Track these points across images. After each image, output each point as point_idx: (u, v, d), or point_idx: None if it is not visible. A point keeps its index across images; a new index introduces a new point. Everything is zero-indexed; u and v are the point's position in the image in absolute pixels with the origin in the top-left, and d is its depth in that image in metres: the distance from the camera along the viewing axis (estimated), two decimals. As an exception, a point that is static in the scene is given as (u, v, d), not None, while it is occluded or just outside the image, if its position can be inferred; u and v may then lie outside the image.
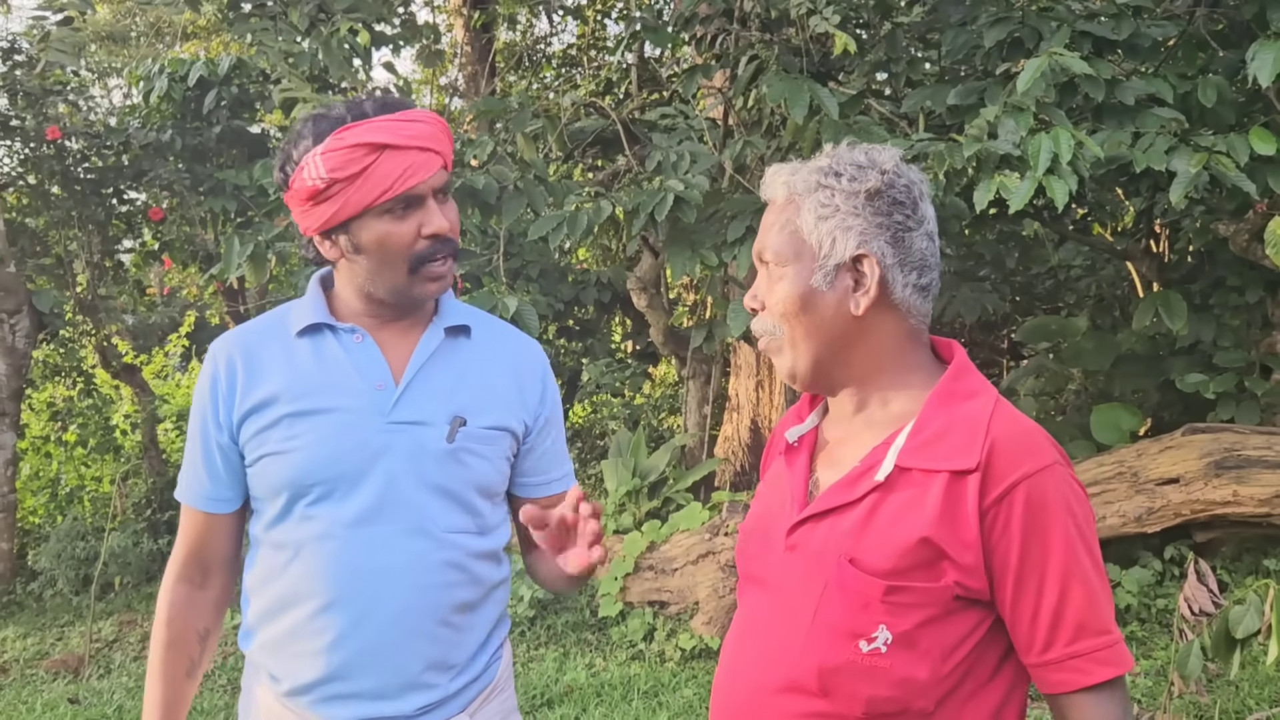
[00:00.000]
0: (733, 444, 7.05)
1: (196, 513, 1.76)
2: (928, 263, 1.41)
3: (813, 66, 4.56)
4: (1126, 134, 3.77)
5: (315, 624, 1.67)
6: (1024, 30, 4.01)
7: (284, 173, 1.69)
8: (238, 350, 1.72)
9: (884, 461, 1.36)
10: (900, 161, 1.42)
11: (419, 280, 1.68)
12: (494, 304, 4.00)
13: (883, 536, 1.33)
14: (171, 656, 1.78)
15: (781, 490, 1.50)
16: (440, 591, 1.71)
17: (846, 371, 1.43)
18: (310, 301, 1.75)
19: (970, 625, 1.34)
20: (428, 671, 1.71)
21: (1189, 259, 6.41)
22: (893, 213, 1.38)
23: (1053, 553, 1.31)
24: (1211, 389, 5.27)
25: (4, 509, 6.29)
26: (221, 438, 1.71)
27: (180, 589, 1.78)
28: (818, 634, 1.36)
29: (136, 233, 7.76)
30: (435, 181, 1.66)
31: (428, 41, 6.53)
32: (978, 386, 1.41)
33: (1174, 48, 4.42)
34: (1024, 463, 1.31)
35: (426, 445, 1.69)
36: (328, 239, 1.69)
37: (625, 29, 5.40)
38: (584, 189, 4.66)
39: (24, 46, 6.86)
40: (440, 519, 1.70)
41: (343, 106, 1.67)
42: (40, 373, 7.65)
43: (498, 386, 1.78)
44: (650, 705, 4.31)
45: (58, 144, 6.85)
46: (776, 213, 1.44)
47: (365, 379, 1.69)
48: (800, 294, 1.40)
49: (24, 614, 5.95)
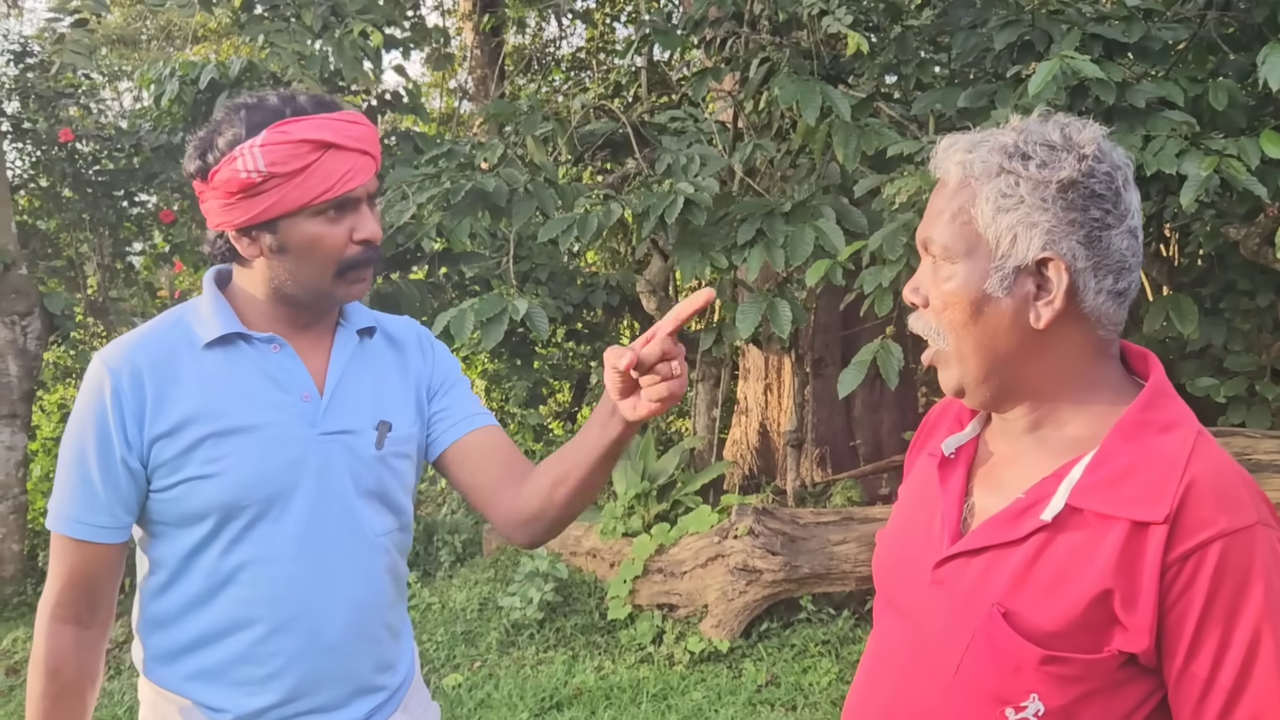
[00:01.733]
0: (741, 447, 7.04)
1: (85, 545, 1.59)
2: (1128, 263, 1.18)
3: (823, 69, 4.56)
4: (1137, 137, 3.76)
5: (264, 649, 1.60)
6: (1034, 33, 4.01)
7: (203, 160, 1.57)
8: (143, 361, 1.58)
9: (1053, 497, 1.16)
10: (1103, 141, 1.19)
11: (343, 284, 1.61)
12: (503, 306, 4.00)
13: (1045, 590, 1.14)
14: (64, 708, 1.62)
15: (930, 509, 1.31)
16: (380, 595, 1.70)
17: (1021, 388, 1.23)
18: (215, 308, 1.63)
19: (1139, 698, 1.15)
20: (375, 674, 1.70)
21: (1199, 263, 6.38)
22: (1089, 207, 1.15)
23: (1240, 625, 1.09)
24: (1222, 393, 5.25)
25: (15, 510, 6.31)
26: (130, 458, 1.56)
27: (66, 632, 1.62)
28: (959, 690, 1.19)
29: (147, 235, 7.79)
30: (370, 186, 1.61)
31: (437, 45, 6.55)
32: (1176, 417, 1.19)
33: (1185, 51, 4.41)
34: (1221, 518, 1.10)
35: (358, 453, 1.65)
36: (247, 235, 1.58)
37: (635, 32, 5.41)
38: (593, 192, 4.67)
39: (35, 50, 6.89)
40: (374, 523, 1.68)
41: (276, 98, 1.58)
42: (51, 374, 7.68)
43: (402, 383, 1.75)
44: (659, 708, 4.30)
45: (69, 147, 6.88)
46: (947, 197, 1.22)
47: (288, 391, 1.62)
48: (972, 299, 1.19)
49: (34, 615, 5.96)
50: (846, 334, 6.54)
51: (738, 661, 4.71)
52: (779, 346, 6.14)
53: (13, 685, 4.99)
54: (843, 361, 5.41)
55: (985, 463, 1.31)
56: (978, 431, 1.34)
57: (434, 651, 5.01)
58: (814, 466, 6.39)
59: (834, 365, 6.38)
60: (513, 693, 4.50)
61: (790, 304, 4.07)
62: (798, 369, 5.96)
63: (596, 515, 5.64)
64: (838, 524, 4.97)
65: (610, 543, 5.44)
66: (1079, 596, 1.12)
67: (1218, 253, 5.83)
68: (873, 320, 4.54)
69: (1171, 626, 1.11)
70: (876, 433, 6.82)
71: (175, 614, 1.62)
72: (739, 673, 4.60)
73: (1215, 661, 1.10)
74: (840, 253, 3.94)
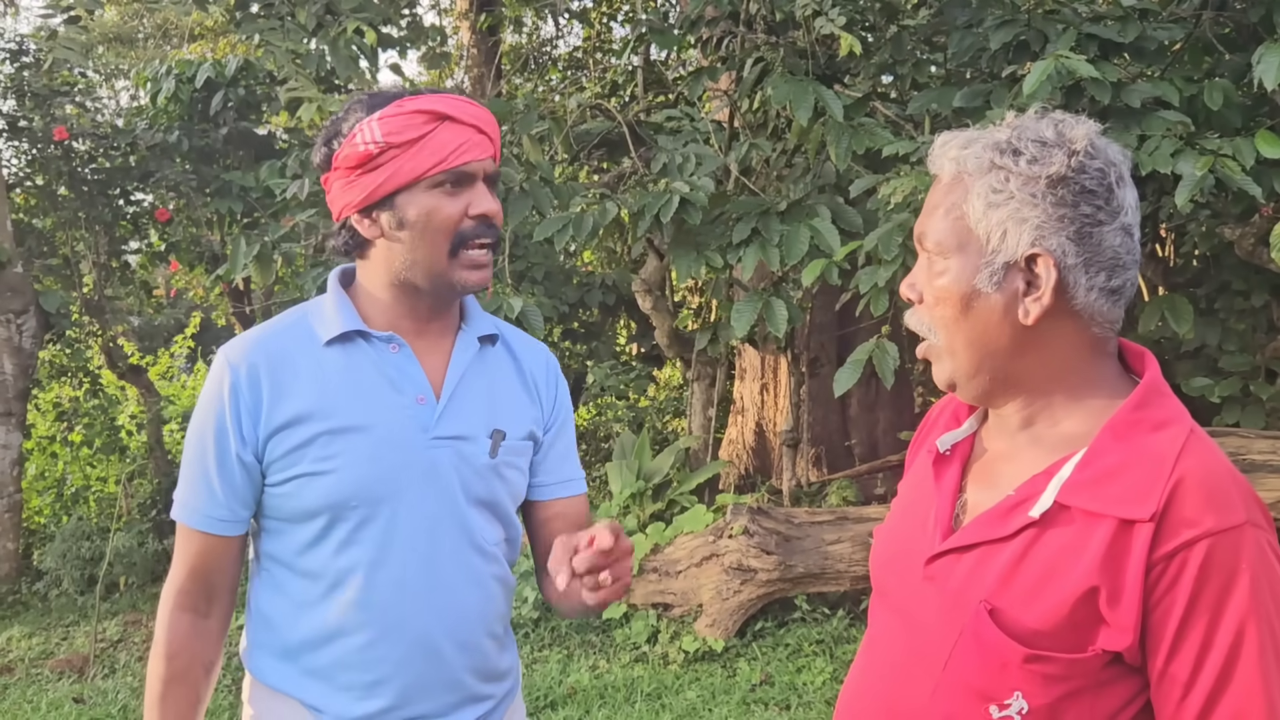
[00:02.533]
0: (737, 447, 7.04)
1: (203, 535, 1.62)
2: (1121, 261, 1.17)
3: (818, 69, 4.56)
4: (1132, 137, 3.76)
5: (369, 655, 1.60)
6: (1030, 33, 4.01)
7: (328, 148, 1.61)
8: (261, 358, 1.59)
9: (1043, 494, 1.16)
10: (1096, 138, 1.18)
11: (459, 266, 1.59)
12: (499, 305, 4.00)
13: (1033, 588, 1.14)
14: (177, 693, 1.64)
15: (925, 506, 1.32)
16: (490, 605, 1.69)
17: (1013, 384, 1.23)
18: (337, 306, 1.63)
19: (1125, 698, 1.14)
20: (480, 683, 1.69)
21: (1194, 263, 6.39)
22: (1080, 203, 1.15)
23: (1223, 625, 1.08)
24: (1217, 393, 5.26)
25: (10, 509, 6.30)
26: (245, 454, 1.58)
27: (184, 619, 1.64)
28: (947, 686, 1.20)
29: (143, 234, 7.78)
30: (488, 166, 1.60)
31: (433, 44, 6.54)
32: (1169, 415, 1.18)
33: (1180, 51, 4.41)
34: (1208, 517, 1.09)
35: (471, 460, 1.63)
36: (367, 216, 1.59)
37: (631, 31, 5.41)
38: (589, 191, 4.67)
39: (31, 48, 6.88)
40: (487, 533, 1.67)
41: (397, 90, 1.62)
42: (47, 373, 7.66)
43: (522, 396, 1.73)
44: (653, 707, 4.30)
45: (65, 145, 6.87)
46: (942, 193, 1.23)
47: (404, 392, 1.61)
48: (962, 293, 1.20)
49: (29, 614, 5.96)
50: (842, 333, 6.54)
51: (732, 661, 4.71)
52: (775, 346, 6.14)
53: (6, 684, 4.99)
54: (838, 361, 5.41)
55: (980, 459, 1.31)
56: (974, 429, 1.34)
57: (429, 650, 5.01)
58: (810, 466, 6.39)
59: (830, 365, 6.39)
60: (508, 692, 4.50)
61: (786, 303, 4.08)
62: (793, 369, 5.96)
63: (592, 515, 5.64)
64: (833, 524, 4.97)
65: (606, 542, 5.44)
66: (1065, 595, 1.12)
67: (1213, 253, 5.84)
68: (868, 320, 4.55)
69: (1155, 625, 1.10)
70: (872, 432, 6.83)
71: (288, 613, 1.63)
72: (733, 672, 4.61)
73: (1197, 661, 1.09)
74: (836, 252, 3.94)
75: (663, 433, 8.55)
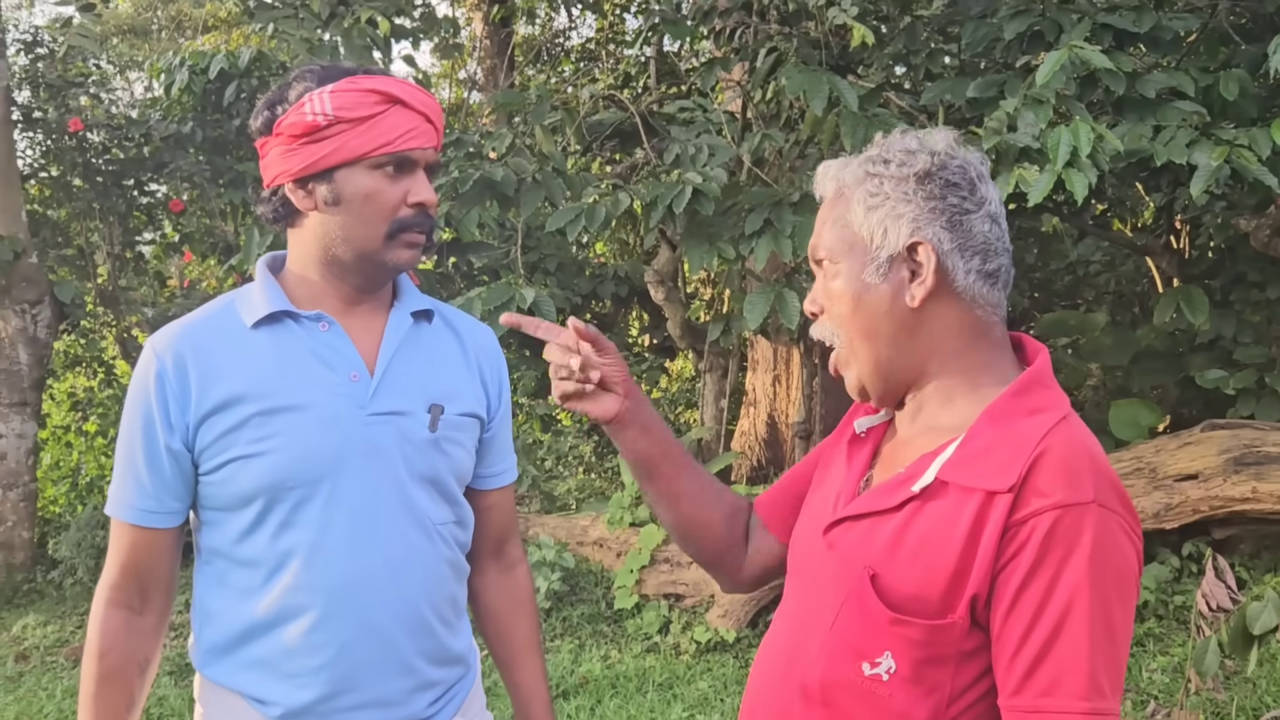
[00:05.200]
0: (749, 438, 7.04)
1: (136, 528, 1.59)
2: (992, 247, 1.30)
3: (831, 59, 4.55)
4: (1147, 127, 3.75)
5: (313, 640, 1.56)
6: (1044, 23, 3.99)
7: (271, 112, 1.57)
8: (187, 346, 1.56)
9: (926, 471, 1.26)
10: (954, 142, 1.33)
11: (394, 246, 1.58)
12: (510, 295, 4.00)
13: (910, 556, 1.23)
14: (109, 693, 1.59)
15: (834, 483, 1.42)
16: (439, 586, 1.67)
17: (909, 373, 1.33)
18: (265, 289, 1.60)
19: (986, 668, 1.23)
20: (430, 668, 1.66)
21: (1209, 255, 6.37)
22: (947, 195, 1.28)
23: (1059, 590, 1.16)
24: (1231, 385, 5.24)
25: (25, 498, 6.34)
26: (173, 442, 1.55)
27: (117, 616, 1.60)
28: (831, 643, 1.28)
29: (157, 225, 7.81)
30: (430, 156, 1.59)
31: (446, 35, 6.54)
32: (1045, 403, 1.27)
33: (1195, 41, 4.40)
34: (1059, 491, 1.17)
35: (410, 435, 1.61)
36: (302, 187, 1.56)
37: (644, 22, 5.40)
38: (602, 182, 4.66)
39: (46, 39, 6.91)
40: (432, 513, 1.64)
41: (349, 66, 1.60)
42: (61, 363, 7.70)
43: (462, 372, 1.71)
44: (665, 697, 4.31)
45: (79, 136, 6.90)
46: (828, 209, 1.37)
47: (336, 370, 1.58)
48: (854, 291, 1.31)
49: (44, 602, 6.00)
50: (855, 325, 6.52)
51: (744, 651, 4.72)
52: (787, 337, 6.13)
53: (22, 672, 5.02)
54: (851, 352, 5.39)
55: (888, 444, 1.41)
56: (890, 416, 1.43)
57: (441, 640, 5.03)
58: (822, 458, 6.38)
59: (842, 356, 6.36)
60: (520, 681, 4.51)
61: (799, 294, 4.07)
62: (806, 360, 5.95)
63: (603, 505, 5.65)
64: (845, 515, 4.97)
65: (617, 533, 5.45)
66: (936, 562, 1.21)
67: (1228, 245, 5.81)
68: (881, 311, 4.53)
69: (999, 586, 1.19)
70: (884, 424, 6.81)
71: (228, 604, 1.60)
72: (745, 663, 4.61)
73: (1030, 623, 1.17)
74: (848, 243, 3.93)
75: (675, 424, 8.56)
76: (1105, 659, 1.16)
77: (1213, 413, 5.26)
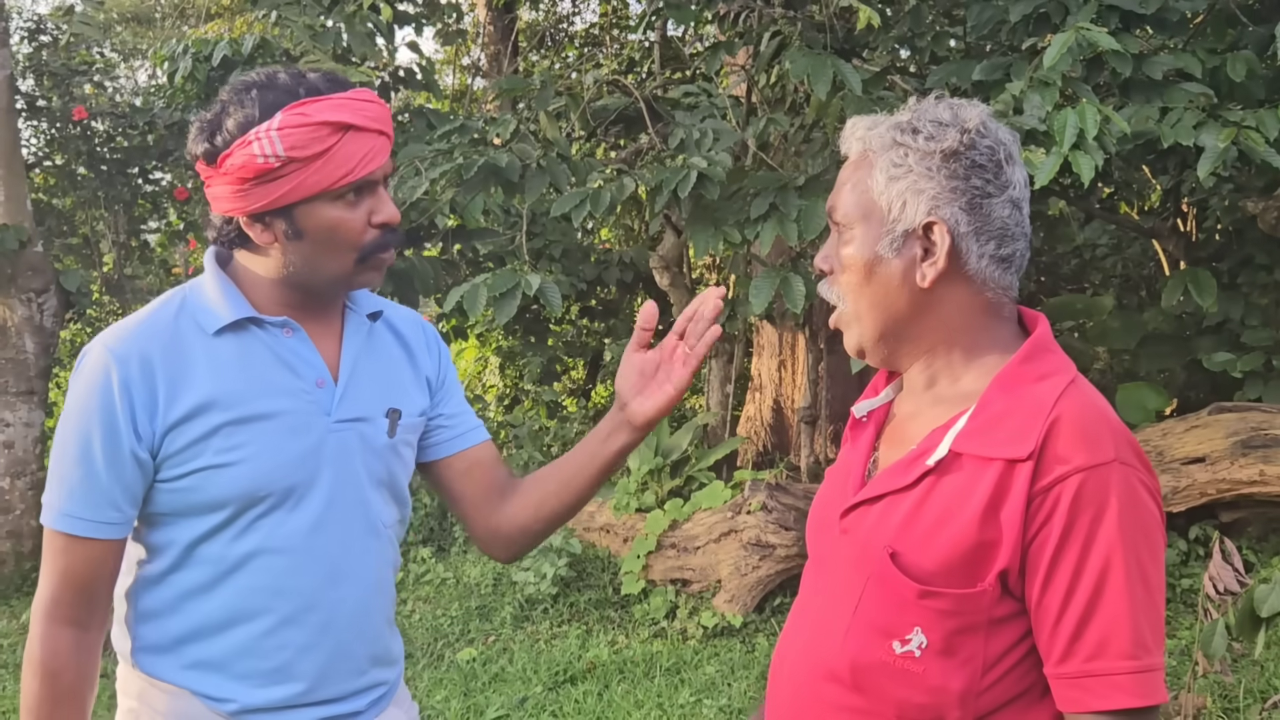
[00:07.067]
0: (755, 423, 7.04)
1: (86, 541, 1.51)
2: (1010, 232, 1.29)
3: (836, 43, 4.53)
4: (1154, 109, 3.73)
5: (273, 639, 1.56)
6: (1051, 5, 3.97)
7: (211, 144, 1.48)
8: (154, 351, 1.50)
9: (939, 445, 1.26)
10: (988, 119, 1.30)
11: (364, 270, 1.55)
12: (516, 281, 4.00)
13: (930, 531, 1.24)
14: (64, 714, 1.54)
15: (844, 469, 1.42)
16: (384, 587, 1.69)
17: (915, 346, 1.34)
18: (223, 292, 1.55)
19: (1018, 635, 1.23)
20: (375, 668, 1.68)
21: (1217, 237, 6.34)
22: (971, 176, 1.26)
23: (1093, 554, 1.17)
24: (1239, 368, 5.22)
25: (33, 486, 6.36)
26: (140, 450, 1.48)
27: (65, 634, 1.54)
28: (857, 627, 1.28)
29: (162, 213, 7.82)
30: (387, 168, 1.55)
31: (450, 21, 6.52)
32: (1052, 367, 1.27)
33: (1203, 23, 4.37)
34: (1080, 455, 1.18)
35: (371, 441, 1.62)
36: (260, 222, 1.50)
37: (648, 7, 5.38)
38: (607, 167, 4.65)
39: (50, 28, 6.90)
40: (384, 515, 1.66)
41: (286, 76, 1.50)
42: (68, 352, 7.72)
43: (408, 372, 1.72)
44: (672, 682, 4.32)
45: (84, 124, 6.90)
46: (850, 170, 1.35)
47: (303, 377, 1.57)
48: (865, 260, 1.31)
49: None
50: (860, 310, 6.51)
51: (751, 636, 4.73)
52: (793, 322, 6.13)
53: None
54: (856, 337, 5.39)
55: (891, 424, 1.41)
56: (891, 397, 1.44)
57: (448, 626, 5.04)
58: (827, 443, 6.38)
59: (848, 341, 6.36)
60: (527, 666, 4.53)
61: (804, 279, 4.06)
62: (811, 345, 5.95)
63: (610, 491, 5.66)
64: (851, 499, 4.97)
65: (624, 518, 5.46)
66: (958, 534, 1.21)
67: (1235, 227, 5.79)
68: (886, 295, 4.52)
69: (1032, 555, 1.20)
70: (890, 409, 6.80)
71: (173, 603, 1.56)
72: (752, 647, 4.62)
73: (1069, 589, 1.18)
74: (854, 227, 3.92)
75: (680, 409, 8.56)
76: (1146, 615, 1.18)
77: (1220, 396, 5.25)
